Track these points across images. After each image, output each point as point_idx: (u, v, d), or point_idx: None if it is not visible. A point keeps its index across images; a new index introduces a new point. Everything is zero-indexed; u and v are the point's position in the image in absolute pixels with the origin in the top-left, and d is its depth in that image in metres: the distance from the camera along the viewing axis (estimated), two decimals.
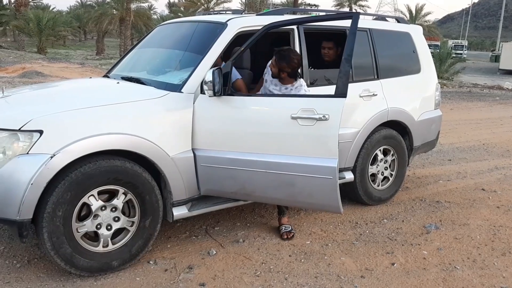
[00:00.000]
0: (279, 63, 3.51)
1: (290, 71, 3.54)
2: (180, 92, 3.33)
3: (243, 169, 3.27)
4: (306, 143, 3.15)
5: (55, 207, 2.81)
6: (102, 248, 3.09)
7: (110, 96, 3.36)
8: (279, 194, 3.33)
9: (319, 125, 3.09)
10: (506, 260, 3.60)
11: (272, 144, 3.22)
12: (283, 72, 3.55)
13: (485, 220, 4.40)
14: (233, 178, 3.34)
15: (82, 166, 2.86)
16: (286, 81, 3.63)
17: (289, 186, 3.26)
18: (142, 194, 3.14)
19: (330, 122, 3.07)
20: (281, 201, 3.51)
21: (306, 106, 3.14)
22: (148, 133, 3.09)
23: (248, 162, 3.25)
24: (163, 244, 3.64)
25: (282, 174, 3.22)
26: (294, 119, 3.15)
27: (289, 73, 3.56)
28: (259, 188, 3.33)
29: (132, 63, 4.43)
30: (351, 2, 48.88)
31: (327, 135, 3.10)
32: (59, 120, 2.88)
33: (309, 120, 3.11)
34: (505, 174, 6.03)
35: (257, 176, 3.26)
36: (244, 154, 3.26)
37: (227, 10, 4.69)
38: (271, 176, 3.24)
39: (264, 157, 3.22)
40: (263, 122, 3.27)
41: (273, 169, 3.22)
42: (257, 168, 3.24)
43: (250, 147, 3.26)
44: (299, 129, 3.14)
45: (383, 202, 4.71)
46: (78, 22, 45.75)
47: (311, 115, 3.11)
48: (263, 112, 3.33)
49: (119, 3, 31.37)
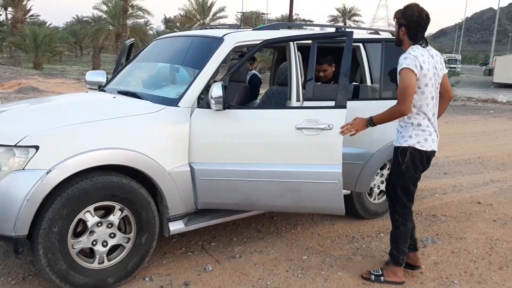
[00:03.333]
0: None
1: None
2: (177, 106, 3.33)
3: (247, 180, 3.35)
4: (312, 152, 3.33)
5: (51, 223, 2.79)
6: (98, 264, 3.06)
7: (107, 111, 3.36)
8: (285, 202, 3.45)
9: (323, 134, 3.28)
10: (503, 274, 3.59)
11: (278, 154, 3.35)
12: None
13: (481, 233, 4.40)
14: (236, 189, 3.38)
15: (78, 182, 2.85)
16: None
17: (296, 193, 3.38)
18: (139, 211, 3.13)
19: (334, 131, 3.25)
20: (286, 207, 3.59)
21: (310, 117, 3.31)
22: (145, 147, 3.08)
23: (253, 172, 3.33)
24: (159, 260, 3.61)
25: (289, 182, 3.35)
26: (299, 129, 3.30)
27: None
28: (264, 197, 3.42)
29: (128, 77, 4.44)
30: (345, 18, 49.46)
31: (331, 143, 3.28)
32: (55, 135, 2.88)
33: (314, 130, 3.29)
34: (500, 187, 6.05)
35: (263, 186, 3.36)
36: (248, 165, 3.34)
37: (223, 25, 4.73)
38: (277, 185, 3.36)
39: (270, 167, 3.34)
40: (269, 134, 3.39)
41: (279, 178, 3.34)
42: (263, 178, 3.34)
43: (255, 158, 3.35)
44: (304, 139, 3.31)
45: (379, 216, 4.70)
46: (74, 38, 45.94)
47: (316, 125, 3.28)
48: (268, 124, 3.43)
49: (115, 19, 31.58)
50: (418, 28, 3.10)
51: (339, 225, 4.47)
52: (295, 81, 3.85)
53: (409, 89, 2.99)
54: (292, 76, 3.87)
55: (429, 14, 3.13)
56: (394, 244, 3.34)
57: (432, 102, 3.17)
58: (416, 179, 3.30)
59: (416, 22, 3.09)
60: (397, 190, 3.28)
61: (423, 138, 3.16)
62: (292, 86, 3.84)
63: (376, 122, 3.17)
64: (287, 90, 3.91)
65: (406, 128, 3.20)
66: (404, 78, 3.00)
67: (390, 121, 3.17)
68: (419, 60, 3.02)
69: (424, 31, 3.14)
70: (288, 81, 3.91)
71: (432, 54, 3.17)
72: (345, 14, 50.36)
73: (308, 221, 4.56)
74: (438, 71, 3.18)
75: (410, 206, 3.33)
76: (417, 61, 3.02)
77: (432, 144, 3.20)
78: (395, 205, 3.32)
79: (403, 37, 3.17)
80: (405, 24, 3.12)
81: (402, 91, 3.01)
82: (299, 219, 4.59)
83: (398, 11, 3.17)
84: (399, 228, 3.31)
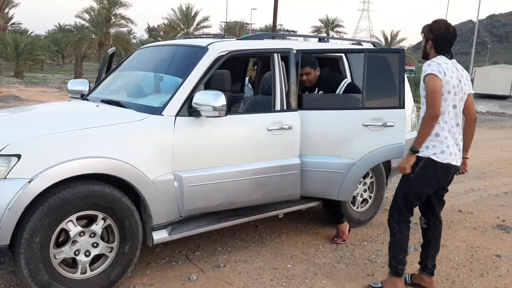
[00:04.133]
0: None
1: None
2: (161, 115, 3.33)
3: (230, 181, 3.56)
4: (279, 149, 3.79)
5: (33, 233, 2.75)
6: (80, 274, 3.02)
7: (90, 119, 3.33)
8: (259, 195, 3.78)
9: (286, 134, 3.79)
10: (484, 281, 3.64)
11: (254, 154, 3.69)
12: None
13: (462, 241, 4.46)
14: (220, 190, 3.53)
15: (61, 191, 2.82)
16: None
17: (267, 185, 3.77)
18: (122, 220, 3.10)
19: (293, 131, 3.81)
20: (259, 200, 3.85)
21: (276, 119, 3.77)
22: (128, 156, 3.07)
23: (235, 173, 3.57)
24: (142, 270, 3.58)
25: (262, 177, 3.72)
26: (270, 130, 3.72)
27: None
28: (242, 194, 3.68)
29: (112, 85, 4.41)
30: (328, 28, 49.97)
31: (293, 140, 3.83)
32: (37, 144, 2.84)
33: (281, 130, 3.77)
34: (481, 196, 6.15)
35: (242, 184, 3.62)
36: (230, 167, 3.56)
37: (207, 34, 4.75)
38: (253, 181, 3.68)
39: (248, 166, 3.65)
40: (246, 136, 3.69)
41: (255, 175, 3.68)
42: (243, 177, 3.62)
43: (236, 160, 3.60)
44: (274, 138, 3.75)
45: (362, 224, 4.74)
46: (56, 46, 45.49)
47: (282, 126, 3.76)
48: (245, 127, 3.72)
49: (98, 27, 31.40)
50: (445, 42, 3.19)
51: (323, 234, 4.49)
52: (279, 90, 3.90)
53: (436, 92, 3.03)
54: (276, 85, 3.92)
55: (455, 30, 3.23)
56: (391, 253, 3.31)
57: (454, 110, 3.18)
58: (422, 193, 3.25)
59: (444, 36, 3.17)
60: (398, 196, 3.29)
61: (439, 150, 3.14)
62: (276, 95, 3.90)
63: (416, 145, 3.12)
64: (271, 99, 3.95)
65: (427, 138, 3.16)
66: (430, 83, 3.05)
67: (428, 133, 3.10)
68: (442, 67, 3.09)
69: (450, 45, 3.23)
70: (272, 90, 3.95)
71: (457, 67, 3.21)
72: (328, 25, 50.89)
73: (293, 230, 4.57)
74: (462, 85, 3.19)
75: (408, 217, 3.30)
76: (440, 67, 3.08)
77: (449, 157, 3.15)
78: (393, 212, 3.32)
79: (430, 51, 3.24)
80: (432, 38, 3.20)
81: (430, 95, 3.04)
82: (283, 228, 4.60)
83: (426, 26, 3.26)
84: (395, 235, 3.30)
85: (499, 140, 11.78)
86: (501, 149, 10.11)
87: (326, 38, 5.42)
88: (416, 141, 3.12)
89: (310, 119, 3.92)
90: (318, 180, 3.94)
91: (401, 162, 3.22)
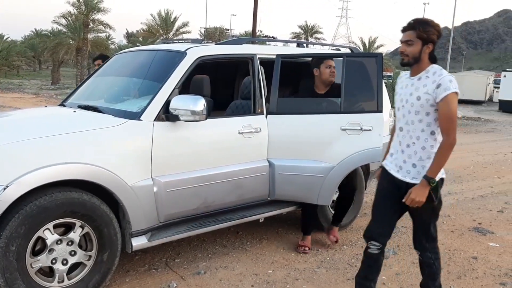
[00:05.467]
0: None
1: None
2: (139, 120, 3.31)
3: (205, 184, 3.58)
4: (250, 151, 3.86)
5: (8, 242, 2.68)
6: (58, 284, 2.96)
7: (66, 125, 3.27)
8: (232, 197, 3.82)
9: (256, 136, 3.87)
10: (462, 283, 3.69)
11: (228, 156, 3.75)
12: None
13: (440, 244, 4.46)
14: (197, 194, 3.55)
15: (37, 199, 2.77)
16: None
17: (239, 188, 3.81)
18: (100, 227, 3.06)
19: (263, 133, 3.91)
20: (232, 203, 3.87)
21: (247, 122, 3.84)
22: (106, 162, 3.03)
23: (210, 176, 3.60)
24: (122, 278, 3.53)
25: (235, 180, 3.77)
26: (241, 133, 3.79)
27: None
28: (217, 197, 3.71)
29: (89, 91, 4.36)
30: (307, 35, 50.30)
31: (261, 143, 3.93)
32: (12, 150, 2.79)
33: (250, 133, 3.84)
34: (457, 199, 6.25)
35: (216, 187, 3.65)
36: (207, 170, 3.59)
37: (186, 40, 4.74)
38: (226, 184, 3.72)
39: (223, 169, 3.69)
40: (220, 140, 3.74)
41: (228, 177, 3.72)
42: (216, 180, 3.64)
43: (212, 163, 3.64)
44: (245, 141, 3.82)
45: (342, 229, 4.76)
46: (33, 51, 44.77)
47: (250, 130, 3.84)
48: (220, 131, 3.76)
49: (75, 33, 31.00)
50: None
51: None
52: (258, 94, 3.92)
53: (455, 116, 2.67)
54: (255, 90, 3.93)
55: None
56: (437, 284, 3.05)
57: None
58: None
59: (438, 40, 2.77)
60: (429, 228, 2.94)
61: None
62: (256, 100, 3.92)
63: (435, 175, 2.69)
64: (251, 104, 3.96)
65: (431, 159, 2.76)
66: (453, 104, 2.64)
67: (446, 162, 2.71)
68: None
69: None
70: (251, 94, 3.96)
71: None
72: (307, 31, 51.21)
73: (273, 235, 4.57)
74: None
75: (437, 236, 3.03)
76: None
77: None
78: (428, 245, 2.97)
79: (424, 56, 2.74)
80: (436, 41, 2.74)
81: (451, 118, 2.64)
82: (264, 233, 4.60)
83: (425, 23, 2.72)
84: (434, 265, 3.00)
85: (475, 144, 12.01)
86: (476, 153, 10.31)
87: (305, 44, 5.46)
88: (434, 171, 2.68)
89: (285, 123, 3.95)
90: (297, 184, 3.95)
91: (415, 195, 2.71)
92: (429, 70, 2.76)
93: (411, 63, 2.77)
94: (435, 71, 2.74)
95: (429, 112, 2.72)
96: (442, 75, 2.68)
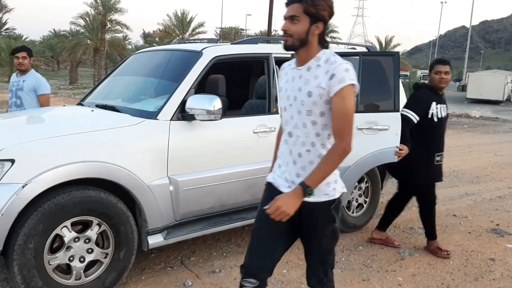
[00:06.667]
0: None
1: None
2: (155, 119, 3.33)
3: (220, 183, 3.59)
4: (264, 151, 3.75)
5: (27, 239, 2.73)
6: (75, 281, 3.01)
7: (84, 124, 3.33)
8: (246, 196, 3.81)
9: (271, 135, 3.81)
10: (478, 285, 3.65)
11: (243, 155, 3.76)
12: None
13: (457, 245, 4.47)
14: (212, 193, 3.56)
15: (55, 197, 2.81)
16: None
17: (254, 187, 3.76)
18: (117, 225, 3.09)
19: (275, 132, 3.79)
20: (247, 202, 3.86)
21: (262, 122, 3.84)
22: (123, 161, 3.06)
23: (225, 175, 3.61)
24: (138, 276, 3.56)
25: (250, 179, 3.76)
26: (256, 133, 3.79)
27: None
28: (232, 196, 3.72)
29: (106, 91, 4.41)
30: None
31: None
32: (31, 149, 2.83)
33: (265, 133, 3.84)
34: (475, 200, 6.17)
35: (230, 186, 3.66)
36: (221, 170, 3.60)
37: (202, 39, 4.76)
38: (241, 183, 3.72)
39: (236, 168, 3.69)
40: (235, 139, 3.75)
41: (243, 177, 3.73)
42: (231, 179, 3.66)
43: (228, 162, 3.65)
44: (259, 141, 3.82)
45: (358, 229, 4.74)
46: (51, 51, 45.39)
47: (265, 129, 3.84)
48: (234, 130, 3.76)
49: (93, 33, 31.37)
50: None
51: None
52: (273, 94, 3.92)
53: (352, 115, 2.10)
54: (270, 89, 3.94)
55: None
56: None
57: None
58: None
59: (329, 20, 2.14)
60: (329, 256, 2.45)
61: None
62: (271, 99, 3.92)
63: (314, 184, 2.16)
64: (265, 103, 3.97)
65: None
66: (349, 99, 2.06)
67: (332, 171, 2.19)
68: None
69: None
70: (266, 94, 3.97)
71: None
72: None
73: None
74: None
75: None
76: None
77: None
78: (323, 278, 2.45)
79: (313, 38, 2.11)
80: (326, 19, 2.10)
81: (346, 117, 2.07)
82: None
83: None
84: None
85: (493, 144, 11.83)
86: (494, 153, 10.15)
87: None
88: (314, 179, 2.15)
89: None
90: None
91: (283, 203, 2.13)
92: (320, 57, 2.12)
93: (296, 47, 2.12)
94: (328, 58, 2.11)
95: (324, 111, 2.11)
96: (336, 63, 2.06)
